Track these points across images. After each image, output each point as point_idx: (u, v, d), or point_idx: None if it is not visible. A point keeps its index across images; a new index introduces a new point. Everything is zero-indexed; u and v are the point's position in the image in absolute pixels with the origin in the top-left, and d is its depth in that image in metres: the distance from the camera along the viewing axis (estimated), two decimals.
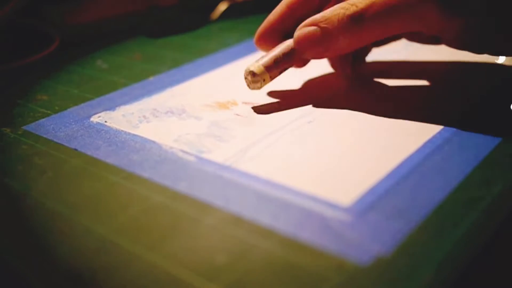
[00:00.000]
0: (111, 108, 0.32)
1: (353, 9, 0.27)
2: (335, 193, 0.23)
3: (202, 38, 0.46)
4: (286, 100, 0.31)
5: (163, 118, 0.30)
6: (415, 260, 0.19)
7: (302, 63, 0.32)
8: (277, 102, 0.31)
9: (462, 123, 0.27)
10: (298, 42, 0.29)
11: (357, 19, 0.27)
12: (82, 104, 0.33)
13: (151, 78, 0.37)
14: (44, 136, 0.29)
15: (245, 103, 0.32)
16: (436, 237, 0.20)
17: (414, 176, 0.23)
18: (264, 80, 0.29)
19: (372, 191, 0.23)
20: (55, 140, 0.29)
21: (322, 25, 0.28)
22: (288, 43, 0.30)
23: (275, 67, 0.29)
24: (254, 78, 0.29)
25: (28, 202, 0.24)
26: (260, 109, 0.30)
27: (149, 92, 0.34)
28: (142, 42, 0.46)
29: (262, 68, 0.29)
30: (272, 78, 0.30)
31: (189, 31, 0.48)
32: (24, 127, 0.30)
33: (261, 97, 0.32)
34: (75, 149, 0.28)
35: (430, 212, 0.21)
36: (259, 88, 0.30)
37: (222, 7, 0.51)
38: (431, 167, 0.24)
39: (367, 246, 0.20)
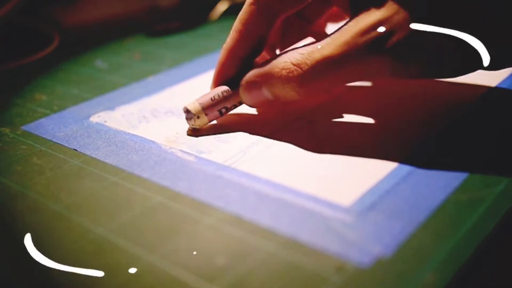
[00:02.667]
0: (111, 107, 0.32)
1: (297, 72, 0.25)
2: (336, 194, 0.23)
3: (202, 37, 0.46)
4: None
5: (163, 118, 0.30)
6: (415, 261, 0.19)
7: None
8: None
9: (463, 125, 0.27)
10: (242, 97, 0.28)
11: (302, 81, 0.25)
12: (82, 104, 0.33)
13: (151, 78, 0.37)
14: (43, 136, 0.29)
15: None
16: (437, 237, 0.20)
17: (414, 176, 0.23)
18: (198, 118, 0.28)
19: (372, 191, 0.23)
20: (54, 140, 0.29)
21: (265, 89, 0.27)
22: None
23: (212, 106, 0.28)
24: (188, 115, 0.28)
25: (26, 202, 0.24)
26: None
27: (149, 92, 0.34)
28: (142, 41, 0.46)
29: (197, 105, 0.28)
30: (210, 117, 0.28)
31: (189, 30, 0.48)
32: (23, 127, 0.30)
33: None
34: (75, 149, 0.28)
35: (431, 213, 0.21)
36: (197, 126, 0.28)
37: (222, 7, 0.51)
38: (431, 167, 0.24)
39: (368, 247, 0.20)
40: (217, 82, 0.29)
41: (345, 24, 0.25)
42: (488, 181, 0.23)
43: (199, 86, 0.35)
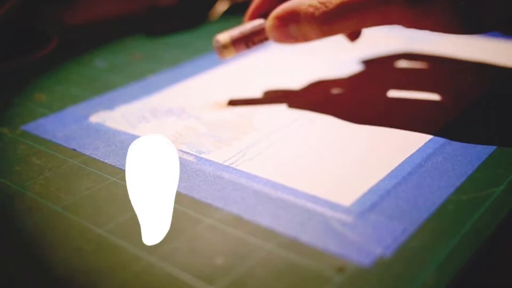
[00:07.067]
0: (110, 107, 0.32)
1: (322, 9, 0.27)
2: (336, 193, 0.23)
3: (202, 37, 0.46)
4: (283, 100, 0.31)
5: (163, 118, 0.30)
6: (415, 261, 0.19)
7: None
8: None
9: (463, 125, 0.27)
10: (269, 33, 0.30)
11: (326, 19, 0.27)
12: (81, 104, 0.33)
13: (151, 78, 0.37)
14: (43, 136, 0.29)
15: None
16: (437, 238, 0.20)
17: (415, 176, 0.23)
18: (225, 48, 0.30)
19: (373, 191, 0.23)
20: (53, 140, 0.29)
21: (291, 24, 0.28)
22: (260, 21, 0.31)
23: (241, 40, 0.30)
24: (216, 45, 0.31)
25: (26, 202, 0.24)
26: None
27: (149, 92, 0.34)
28: (142, 41, 0.46)
29: (227, 36, 0.30)
30: (237, 49, 0.31)
31: (189, 30, 0.48)
32: (22, 127, 0.30)
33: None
34: (74, 149, 0.28)
35: (431, 213, 0.21)
36: (224, 56, 0.31)
37: (222, 7, 0.51)
38: (432, 167, 0.24)
39: (368, 247, 0.19)
40: (250, 17, 0.31)
41: None
42: (488, 181, 0.23)
43: (199, 86, 0.35)
